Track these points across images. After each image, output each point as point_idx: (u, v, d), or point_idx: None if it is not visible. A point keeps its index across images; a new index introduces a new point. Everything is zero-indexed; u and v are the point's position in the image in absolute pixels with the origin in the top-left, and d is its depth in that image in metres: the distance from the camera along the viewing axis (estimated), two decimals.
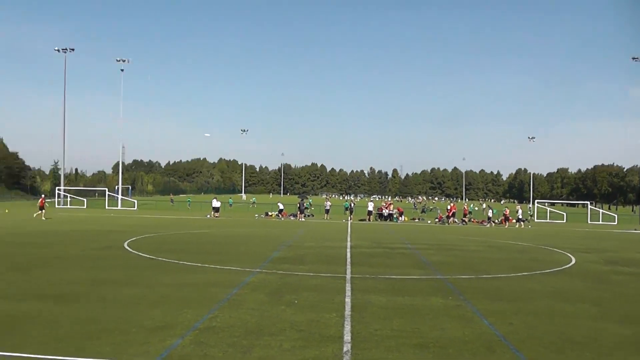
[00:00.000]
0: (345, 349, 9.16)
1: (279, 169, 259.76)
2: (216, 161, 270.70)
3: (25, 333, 9.75)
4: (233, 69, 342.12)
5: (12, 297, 13.01)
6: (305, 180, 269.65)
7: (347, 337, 9.88)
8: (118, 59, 78.37)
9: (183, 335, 9.64)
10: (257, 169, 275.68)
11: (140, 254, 21.59)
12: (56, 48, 78.20)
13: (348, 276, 17.05)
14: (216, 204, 55.10)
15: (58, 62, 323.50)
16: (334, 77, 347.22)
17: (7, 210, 55.89)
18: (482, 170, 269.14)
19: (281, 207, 57.76)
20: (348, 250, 24.92)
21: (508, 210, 53.83)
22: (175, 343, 9.18)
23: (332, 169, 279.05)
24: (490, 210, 57.10)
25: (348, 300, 13.24)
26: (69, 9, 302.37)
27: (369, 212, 53.93)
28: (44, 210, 45.28)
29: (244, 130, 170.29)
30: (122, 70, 79.10)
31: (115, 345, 9.01)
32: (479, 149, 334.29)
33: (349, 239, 31.19)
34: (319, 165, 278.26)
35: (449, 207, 56.49)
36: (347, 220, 52.41)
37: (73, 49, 78.52)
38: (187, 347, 8.95)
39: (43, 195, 50.07)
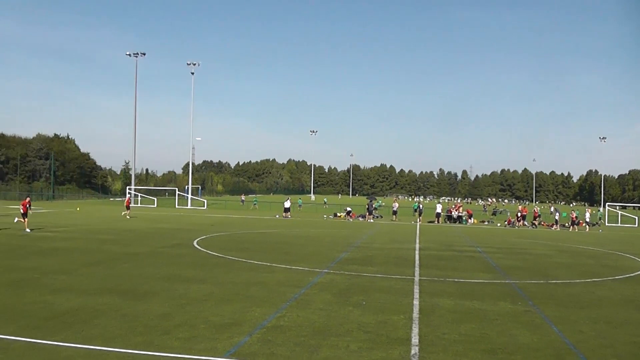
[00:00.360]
0: (412, 352, 9.04)
1: (348, 170, 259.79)
2: (285, 162, 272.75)
3: (99, 326, 10.04)
4: (302, 68, 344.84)
5: (89, 291, 13.45)
6: (374, 182, 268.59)
7: (415, 340, 9.75)
8: (188, 62, 79.79)
9: (251, 333, 9.70)
10: (326, 170, 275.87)
11: (210, 252, 21.90)
12: (128, 53, 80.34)
13: (416, 278, 16.88)
14: (287, 204, 55.41)
15: (129, 66, 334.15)
16: (404, 77, 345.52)
17: (78, 209, 57.52)
18: (553, 172, 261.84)
19: (349, 209, 57.69)
20: (416, 252, 24.69)
21: (574, 214, 52.40)
22: (243, 340, 9.24)
23: (401, 169, 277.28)
24: (557, 213, 55.78)
25: (416, 302, 13.09)
26: (141, 15, 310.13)
27: (438, 214, 53.30)
28: (129, 210, 46.90)
29: (313, 131, 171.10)
30: (192, 73, 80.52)
31: (184, 341, 9.15)
32: (549, 149, 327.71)
33: (417, 240, 30.93)
34: (388, 166, 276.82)
35: (520, 209, 55.45)
36: (416, 222, 51.86)
37: (144, 54, 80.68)
38: (254, 345, 8.99)
39: (129, 196, 51.35)
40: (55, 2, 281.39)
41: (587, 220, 51.25)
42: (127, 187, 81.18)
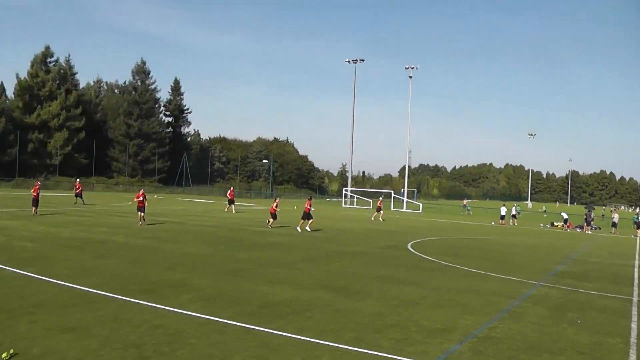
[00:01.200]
0: None
1: (566, 176, 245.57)
2: (502, 166, 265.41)
3: (312, 319, 10.49)
4: (520, 69, 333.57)
5: (303, 284, 14.12)
6: (593, 189, 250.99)
7: None
8: (407, 66, 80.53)
9: (462, 341, 9.54)
10: (544, 176, 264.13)
11: (423, 255, 21.92)
12: (347, 60, 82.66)
13: (634, 299, 15.56)
14: (503, 211, 53.91)
15: (348, 72, 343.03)
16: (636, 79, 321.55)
17: (295, 207, 60.02)
18: None
19: (565, 216, 55.03)
20: (635, 269, 22.90)
21: None
22: (454, 348, 9.11)
23: (622, 177, 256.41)
24: None
25: (634, 326, 12.05)
26: (361, 23, 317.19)
27: None
28: (382, 212, 48.34)
29: (532, 135, 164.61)
30: (410, 77, 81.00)
31: (395, 341, 9.23)
32: None
33: (637, 257, 28.73)
34: (607, 172, 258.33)
35: None
36: (636, 235, 47.28)
37: (363, 60, 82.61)
38: (464, 354, 8.84)
39: (380, 198, 52.47)
40: (279, 17, 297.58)
41: None
42: (344, 189, 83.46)
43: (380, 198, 51.66)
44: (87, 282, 13.06)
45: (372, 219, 46.73)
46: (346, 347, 8.76)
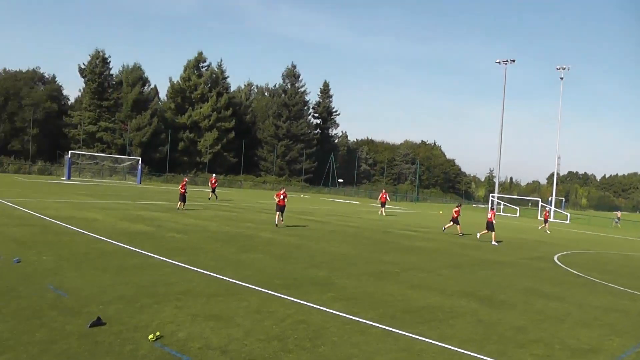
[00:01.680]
0: None
1: None
2: None
3: (455, 327, 10.40)
4: None
5: (447, 291, 14.01)
6: None
7: None
8: (558, 67, 77.52)
9: None
10: None
11: (570, 269, 21.04)
12: (497, 61, 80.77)
13: None
14: None
15: (498, 73, 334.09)
16: None
17: (440, 212, 59.38)
18: None
19: None
20: None
21: None
22: None
23: None
24: None
25: None
26: (511, 23, 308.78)
27: None
28: (547, 224, 46.48)
29: None
30: (561, 78, 77.99)
31: (538, 358, 8.96)
32: None
33: None
34: None
35: None
36: None
37: (514, 60, 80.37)
38: None
39: (547, 209, 50.88)
40: (427, 18, 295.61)
41: None
42: (491, 195, 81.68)
43: (547, 209, 50.03)
44: (233, 273, 13.63)
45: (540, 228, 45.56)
46: (488, 358, 8.64)
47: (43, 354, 7.24)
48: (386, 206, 47.92)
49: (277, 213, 26.81)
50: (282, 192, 27.28)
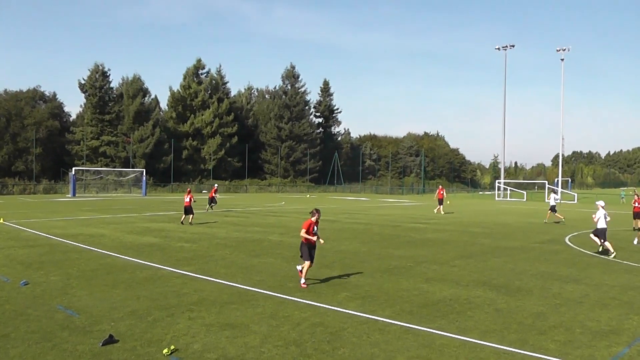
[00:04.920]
0: None
1: None
2: None
3: (473, 318, 10.27)
4: None
5: (462, 282, 13.89)
6: None
7: None
8: (558, 48, 77.21)
9: (630, 344, 8.91)
10: None
11: (583, 250, 20.85)
12: (497, 47, 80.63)
13: None
14: None
15: (498, 60, 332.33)
16: None
17: (448, 202, 59.16)
18: None
19: None
20: None
21: None
22: (622, 352, 8.53)
23: None
24: None
25: None
26: (509, 8, 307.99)
27: None
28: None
29: None
30: (562, 59, 77.65)
31: (560, 344, 8.81)
32: None
33: None
34: None
35: None
36: None
37: (513, 46, 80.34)
38: (634, 358, 8.25)
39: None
40: (424, 9, 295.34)
41: None
42: (497, 181, 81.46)
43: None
44: (245, 280, 13.54)
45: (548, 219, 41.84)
46: (511, 349, 8.49)
47: None
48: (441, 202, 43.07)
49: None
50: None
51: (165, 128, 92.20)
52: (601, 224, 19.67)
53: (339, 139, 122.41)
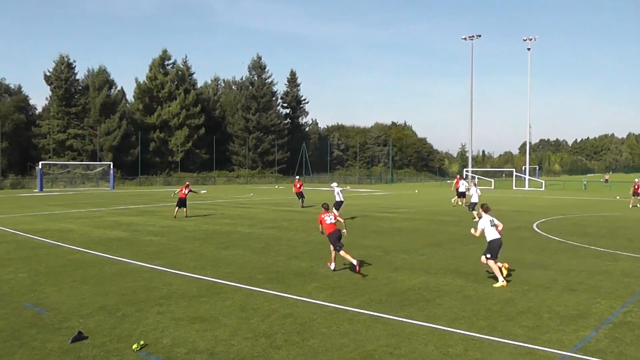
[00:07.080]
0: None
1: None
2: (625, 136, 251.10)
3: (442, 306, 10.36)
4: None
5: (430, 270, 14.01)
6: None
7: None
8: (524, 38, 77.87)
9: (597, 328, 9.07)
10: None
11: (550, 236, 21.14)
12: (463, 37, 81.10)
13: None
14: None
15: (465, 50, 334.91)
16: None
17: (416, 191, 59.58)
18: None
19: None
20: None
21: None
22: (589, 335, 8.68)
23: None
24: None
25: None
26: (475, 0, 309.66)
27: None
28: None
29: None
30: (528, 49, 78.34)
31: (529, 329, 8.93)
32: None
33: None
34: None
35: None
36: None
37: (480, 36, 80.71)
38: (601, 342, 8.39)
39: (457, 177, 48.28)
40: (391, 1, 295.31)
41: None
42: (464, 170, 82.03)
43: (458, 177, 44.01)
44: (214, 272, 13.50)
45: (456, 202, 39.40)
46: (479, 335, 8.58)
47: None
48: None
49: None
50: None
51: (132, 120, 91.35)
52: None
53: (307, 129, 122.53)
